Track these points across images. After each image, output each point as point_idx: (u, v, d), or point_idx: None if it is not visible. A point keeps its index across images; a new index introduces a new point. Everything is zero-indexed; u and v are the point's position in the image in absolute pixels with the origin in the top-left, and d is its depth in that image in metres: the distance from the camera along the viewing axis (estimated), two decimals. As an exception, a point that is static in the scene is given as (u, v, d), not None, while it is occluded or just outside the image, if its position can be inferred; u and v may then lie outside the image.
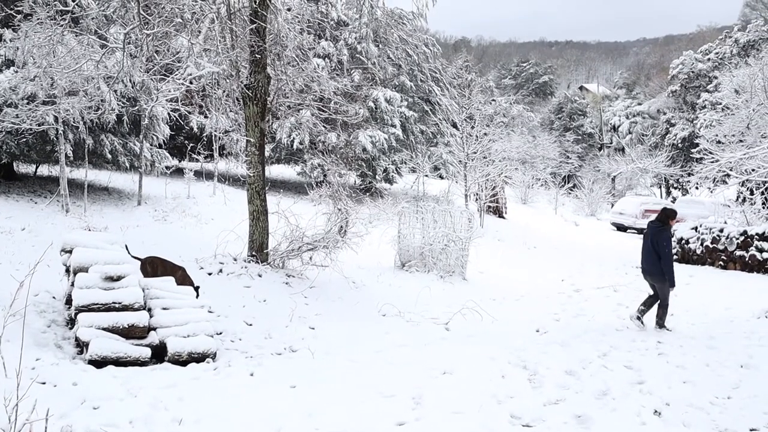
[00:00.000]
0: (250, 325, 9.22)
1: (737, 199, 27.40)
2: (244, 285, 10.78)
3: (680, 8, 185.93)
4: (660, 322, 10.39)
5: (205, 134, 18.15)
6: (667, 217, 10.48)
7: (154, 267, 9.17)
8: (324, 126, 20.19)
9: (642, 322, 10.46)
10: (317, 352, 8.19)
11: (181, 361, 7.40)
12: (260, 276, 11.30)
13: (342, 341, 8.99)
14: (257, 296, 10.41)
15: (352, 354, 8.30)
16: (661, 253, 10.26)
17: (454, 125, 27.03)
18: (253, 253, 11.93)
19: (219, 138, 19.57)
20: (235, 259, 11.73)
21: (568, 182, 50.95)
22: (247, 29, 11.62)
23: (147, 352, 7.34)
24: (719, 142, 20.97)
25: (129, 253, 9.09)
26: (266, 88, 12.02)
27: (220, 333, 8.63)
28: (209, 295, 9.50)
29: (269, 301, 10.31)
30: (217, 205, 18.12)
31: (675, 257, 20.02)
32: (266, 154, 19.29)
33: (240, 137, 13.57)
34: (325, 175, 23.12)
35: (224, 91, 12.67)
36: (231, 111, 13.74)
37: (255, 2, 11.39)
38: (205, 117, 17.38)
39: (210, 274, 10.95)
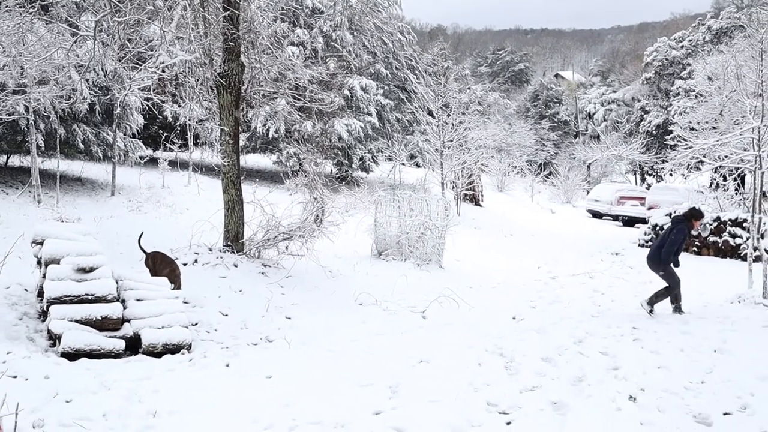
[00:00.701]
0: (226, 315, 9.16)
1: (711, 186, 27.67)
2: (219, 275, 10.70)
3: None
4: (676, 308, 10.48)
5: (179, 123, 17.96)
6: (692, 215, 10.64)
7: (155, 261, 9.27)
8: (299, 114, 20.07)
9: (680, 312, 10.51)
10: (294, 342, 8.15)
11: (156, 353, 7.34)
12: (236, 266, 11.22)
13: (319, 331, 8.96)
14: (233, 286, 10.33)
15: (328, 343, 8.27)
16: (670, 240, 10.42)
17: (430, 113, 26.99)
18: (229, 243, 11.84)
19: (193, 127, 19.42)
20: (211, 249, 11.63)
21: (544, 170, 51.16)
22: (220, 17, 11.48)
23: (121, 344, 7.26)
24: (693, 128, 21.08)
25: (140, 246, 9.40)
26: (240, 76, 11.91)
27: (196, 324, 8.56)
28: (185, 285, 9.43)
29: (245, 291, 10.25)
30: (192, 195, 17.96)
31: (649, 243, 20.20)
32: (241, 143, 19.14)
33: (214, 126, 13.45)
34: (300, 164, 23.02)
35: (198, 80, 12.54)
36: (205, 100, 13.60)
37: (228, -11, 11.25)
38: (179, 106, 17.19)
39: (185, 264, 10.84)
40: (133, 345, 7.43)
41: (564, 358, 7.81)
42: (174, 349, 7.43)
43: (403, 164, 31.70)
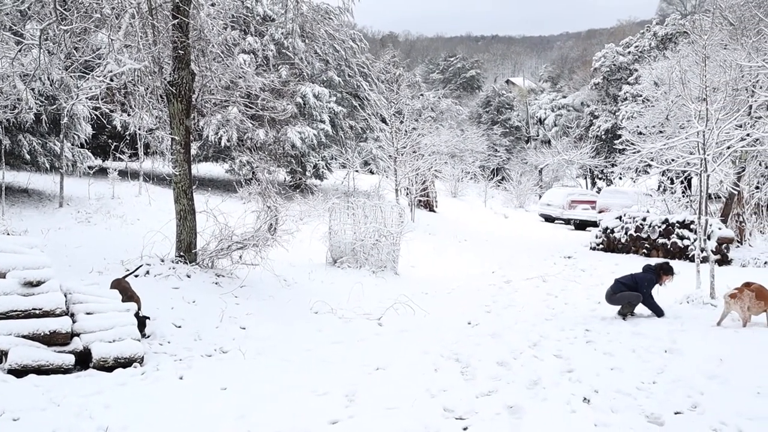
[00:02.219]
0: (179, 327, 9.03)
1: (659, 189, 28.22)
2: (172, 286, 10.54)
3: (601, 3, 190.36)
4: (622, 310, 10.63)
5: (128, 133, 17.70)
6: (662, 269, 10.77)
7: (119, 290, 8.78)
8: (252, 123, 19.92)
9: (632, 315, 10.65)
10: (248, 353, 8.07)
11: (107, 367, 7.19)
12: (189, 276, 11.08)
13: (274, 340, 8.89)
14: (186, 297, 10.19)
15: (284, 353, 8.22)
16: (636, 283, 10.53)
17: (384, 120, 27.08)
18: (181, 253, 11.68)
19: (143, 137, 19.15)
20: (163, 260, 11.46)
21: (497, 175, 51.68)
22: (169, 25, 11.35)
23: (70, 359, 7.10)
24: (640, 133, 21.53)
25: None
26: (191, 84, 11.78)
27: (148, 336, 8.42)
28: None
29: (198, 302, 10.11)
30: (143, 205, 17.70)
31: (600, 246, 20.54)
32: (193, 152, 18.94)
33: (165, 135, 13.25)
34: (254, 173, 22.86)
35: (147, 89, 12.34)
36: (155, 108, 13.40)
37: (177, -3, 11.13)
38: (129, 115, 16.90)
39: (137, 276, 10.66)
40: (84, 359, 7.27)
41: (519, 361, 7.88)
42: (126, 363, 7.29)
43: (357, 171, 31.71)
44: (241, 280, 11.57)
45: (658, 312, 10.45)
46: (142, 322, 8.33)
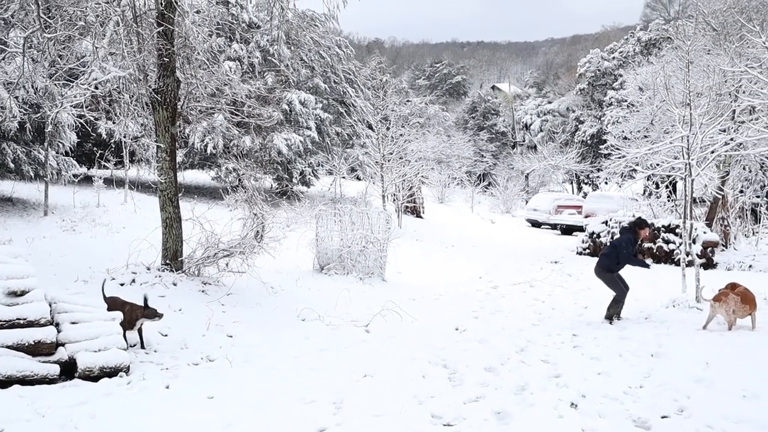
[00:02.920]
0: (165, 335, 8.97)
1: (644, 193, 28.41)
2: (158, 295, 10.48)
3: (585, 9, 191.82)
4: (608, 314, 10.69)
5: (113, 140, 17.60)
6: (637, 225, 10.96)
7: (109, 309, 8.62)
8: (238, 130, 19.90)
9: (619, 318, 10.73)
10: (235, 361, 8.03)
11: (93, 377, 7.13)
12: (175, 285, 11.02)
13: (261, 348, 8.85)
14: (172, 305, 10.13)
15: (271, 361, 8.19)
16: (619, 253, 10.69)
17: (370, 126, 27.10)
18: (167, 261, 11.63)
19: (129, 144, 19.04)
20: (149, 269, 11.40)
21: (484, 180, 51.83)
22: (154, 32, 11.31)
23: (55, 369, 7.03)
24: (626, 138, 21.68)
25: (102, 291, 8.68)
26: (176, 92, 11.75)
27: (134, 345, 8.37)
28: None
29: (185, 310, 10.06)
30: (129, 213, 17.62)
31: (587, 251, 20.60)
32: (178, 159, 18.87)
33: (150, 143, 13.19)
34: (240, 180, 22.80)
35: (132, 96, 12.29)
36: (140, 116, 13.34)
37: (161, 5, 11.09)
38: (114, 123, 16.82)
39: (122, 284, 10.61)
40: (69, 369, 7.20)
41: (506, 367, 7.89)
42: (111, 372, 7.24)
43: (343, 178, 31.72)
44: (228, 288, 11.53)
45: (643, 265, 10.93)
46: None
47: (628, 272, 11.07)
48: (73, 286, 10.08)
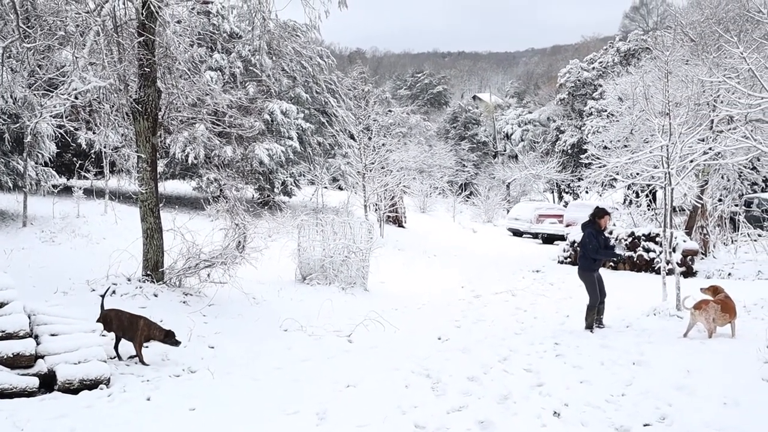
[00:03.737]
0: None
1: (624, 202, 28.60)
2: (139, 306, 10.41)
3: (565, 20, 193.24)
4: (587, 323, 10.77)
5: (94, 151, 17.50)
6: (595, 215, 11.04)
7: (107, 320, 8.51)
8: (219, 140, 19.83)
9: (602, 326, 10.82)
10: (217, 372, 7.98)
11: (73, 389, 7.06)
12: (156, 296, 10.95)
13: (243, 359, 8.81)
14: (153, 317, 10.00)
15: (253, 372, 8.14)
16: (586, 251, 10.86)
17: (352, 136, 27.13)
18: (148, 272, 11.55)
19: (109, 155, 18.93)
20: (129, 280, 11.32)
21: (465, 190, 51.98)
22: (134, 42, 11.28)
23: (34, 382, 6.96)
24: (606, 147, 21.82)
25: (102, 302, 8.70)
26: (157, 102, 11.70)
27: (114, 357, 8.30)
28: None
29: (166, 322, 9.95)
30: (109, 224, 17.48)
31: (568, 259, 20.68)
32: (159, 169, 18.75)
33: (131, 153, 13.13)
34: (221, 190, 22.73)
35: (113, 106, 12.23)
36: (121, 126, 13.27)
37: (142, 14, 11.05)
38: (94, 133, 16.73)
39: (102, 296, 10.51)
40: (48, 382, 7.13)
41: (489, 376, 7.89)
42: (91, 385, 7.17)
43: (325, 188, 31.69)
44: (210, 299, 11.47)
45: (612, 255, 11.34)
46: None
47: (612, 281, 11.15)
48: (52, 297, 9.99)
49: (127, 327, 8.46)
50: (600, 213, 11.02)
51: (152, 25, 11.23)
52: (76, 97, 11.90)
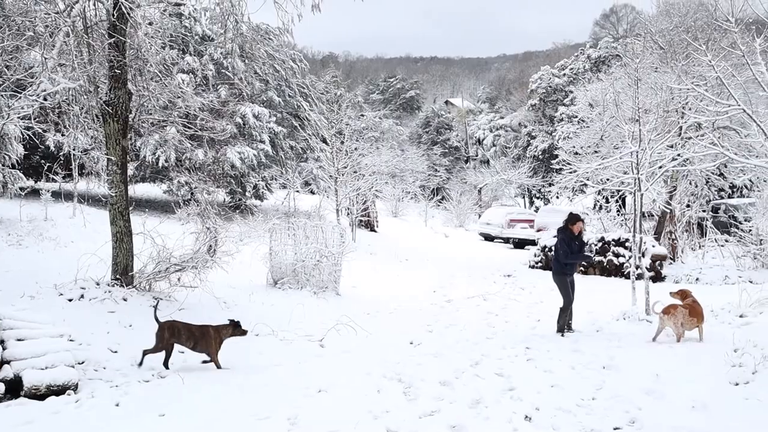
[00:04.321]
0: (115, 352, 8.80)
1: (594, 207, 28.85)
2: (108, 310, 10.28)
3: (537, 26, 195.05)
4: (558, 326, 10.92)
5: (62, 153, 17.29)
6: (569, 221, 11.24)
7: (173, 332, 8.56)
8: (190, 143, 19.67)
9: (571, 330, 10.95)
10: (187, 377, 7.91)
11: (39, 395, 6.95)
12: (125, 300, 10.82)
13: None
14: (122, 321, 9.95)
15: (224, 377, 8.09)
16: (558, 256, 11.06)
17: (324, 140, 27.08)
18: (118, 276, 11.41)
19: (78, 157, 18.70)
20: (98, 284, 11.17)
21: (437, 195, 52.14)
22: (105, 43, 11.15)
23: (0, 388, 6.84)
24: (576, 153, 22.00)
25: (155, 314, 8.71)
26: (127, 104, 11.58)
27: (82, 362, 8.17)
28: (70, 322, 9.00)
29: (135, 326, 9.88)
30: (78, 227, 17.25)
31: (539, 264, 20.81)
32: (129, 172, 18.53)
33: (101, 156, 12.98)
34: (192, 193, 22.57)
35: (82, 108, 12.07)
36: (90, 128, 13.10)
37: (113, 16, 10.93)
38: (63, 135, 16.51)
39: (70, 300, 10.37)
40: (14, 388, 7.01)
41: (461, 381, 7.91)
42: (59, 390, 7.07)
43: (297, 191, 31.58)
44: (180, 303, 11.36)
45: (582, 258, 11.47)
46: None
47: (582, 286, 11.25)
48: (19, 302, 9.82)
49: (200, 338, 8.60)
50: (572, 219, 11.17)
51: (123, 26, 11.11)
52: (45, 99, 11.73)
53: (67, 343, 7.83)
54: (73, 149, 13.91)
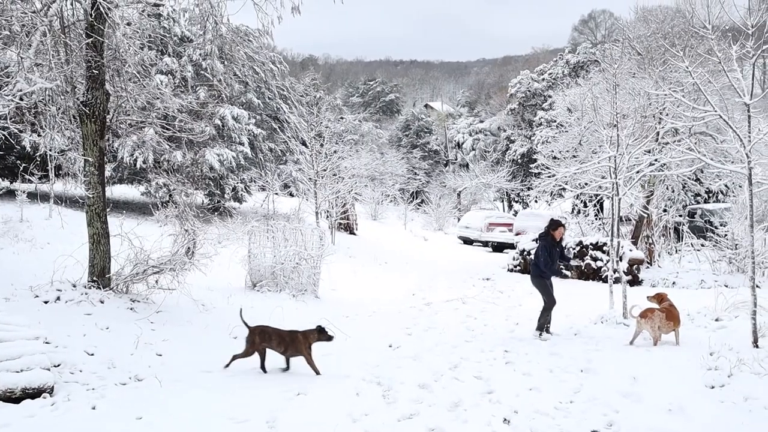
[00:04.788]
0: (92, 354, 8.70)
1: (573, 211, 29.05)
2: (84, 312, 10.18)
3: (516, 31, 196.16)
4: (538, 325, 11.02)
5: (39, 154, 17.13)
6: (550, 227, 11.27)
7: (264, 336, 8.70)
8: (169, 144, 19.55)
9: (549, 333, 11.02)
10: (165, 380, 7.84)
11: (14, 398, 6.86)
12: (102, 302, 10.72)
13: (192, 367, 8.68)
14: (99, 324, 9.85)
15: (202, 380, 8.03)
16: (536, 254, 11.24)
17: (304, 143, 27.04)
18: (94, 278, 11.30)
19: (55, 158, 18.53)
20: (75, 286, 11.05)
21: (416, 198, 52.23)
22: (83, 43, 11.05)
23: (-26, 391, 6.75)
24: (555, 157, 22.13)
25: (242, 319, 8.96)
26: (105, 105, 11.48)
27: (58, 365, 8.08)
28: (46, 324, 8.90)
29: (112, 329, 9.79)
30: (54, 229, 17.06)
31: (518, 268, 20.91)
32: (107, 173, 18.42)
33: (78, 156, 12.87)
34: (171, 195, 22.42)
35: (59, 108, 11.96)
36: (67, 129, 12.99)
37: (91, 16, 10.84)
38: (39, 135, 16.34)
39: (46, 302, 10.26)
40: (-12, 391, 6.92)
41: (440, 384, 7.92)
42: (34, 394, 6.98)
43: (276, 194, 31.50)
44: (158, 306, 11.27)
45: (558, 274, 11.33)
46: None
47: (560, 289, 11.32)
48: (-6, 304, 9.71)
49: (290, 343, 8.69)
50: (554, 225, 11.24)
51: (101, 26, 11.03)
52: (21, 99, 11.60)
53: (42, 345, 7.74)
54: (50, 150, 13.75)
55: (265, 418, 6.50)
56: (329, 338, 8.90)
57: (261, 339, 8.68)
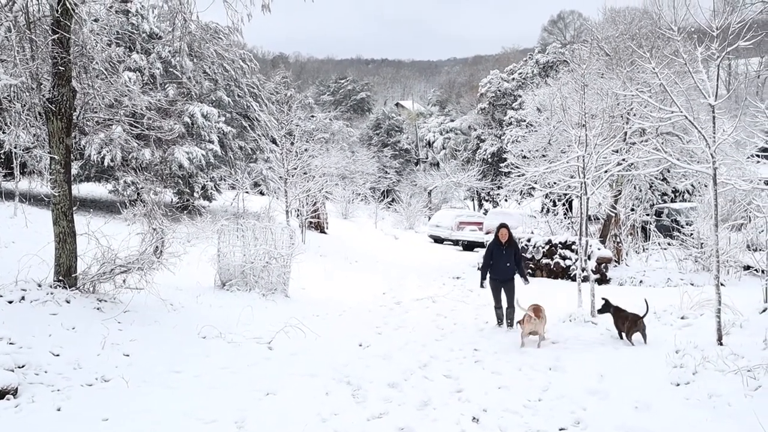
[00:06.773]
0: (57, 355, 8.58)
1: (542, 210, 29.27)
2: (50, 312, 10.02)
3: (487, 31, 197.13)
4: (510, 322, 11.46)
5: (3, 151, 16.87)
6: (497, 231, 11.85)
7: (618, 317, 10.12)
8: (137, 142, 19.38)
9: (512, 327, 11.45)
10: (132, 381, 7.76)
11: (-23, 400, 6.75)
12: (68, 302, 10.57)
13: (159, 368, 8.59)
14: (65, 324, 9.71)
15: (170, 380, 7.96)
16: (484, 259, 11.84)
17: (274, 141, 26.94)
18: (60, 278, 11.14)
19: (19, 155, 18.23)
20: (40, 285, 10.88)
21: (387, 197, 52.27)
22: (48, 40, 10.88)
23: (-65, 393, 6.63)
24: (525, 157, 22.28)
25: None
26: (72, 102, 11.32)
27: (22, 366, 7.95)
28: (10, 325, 8.76)
29: (78, 329, 9.66)
30: (19, 228, 16.80)
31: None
32: (74, 171, 18.18)
33: (43, 154, 12.67)
34: (139, 193, 22.20)
35: (24, 105, 11.77)
36: (33, 126, 12.79)
37: (57, 11, 10.68)
38: (4, 133, 16.09)
39: (11, 302, 10.08)
40: (-50, 393, 6.80)
41: (410, 383, 7.94)
42: (-2, 395, 6.87)
43: (246, 192, 31.34)
44: (125, 305, 11.14)
45: (481, 281, 11.95)
46: None
47: (529, 288, 11.49)
48: (-43, 303, 9.54)
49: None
50: (498, 226, 11.87)
51: (68, 22, 10.87)
52: (-15, 95, 11.42)
53: (6, 346, 7.62)
54: (15, 147, 13.54)
55: (233, 418, 6.47)
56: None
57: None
